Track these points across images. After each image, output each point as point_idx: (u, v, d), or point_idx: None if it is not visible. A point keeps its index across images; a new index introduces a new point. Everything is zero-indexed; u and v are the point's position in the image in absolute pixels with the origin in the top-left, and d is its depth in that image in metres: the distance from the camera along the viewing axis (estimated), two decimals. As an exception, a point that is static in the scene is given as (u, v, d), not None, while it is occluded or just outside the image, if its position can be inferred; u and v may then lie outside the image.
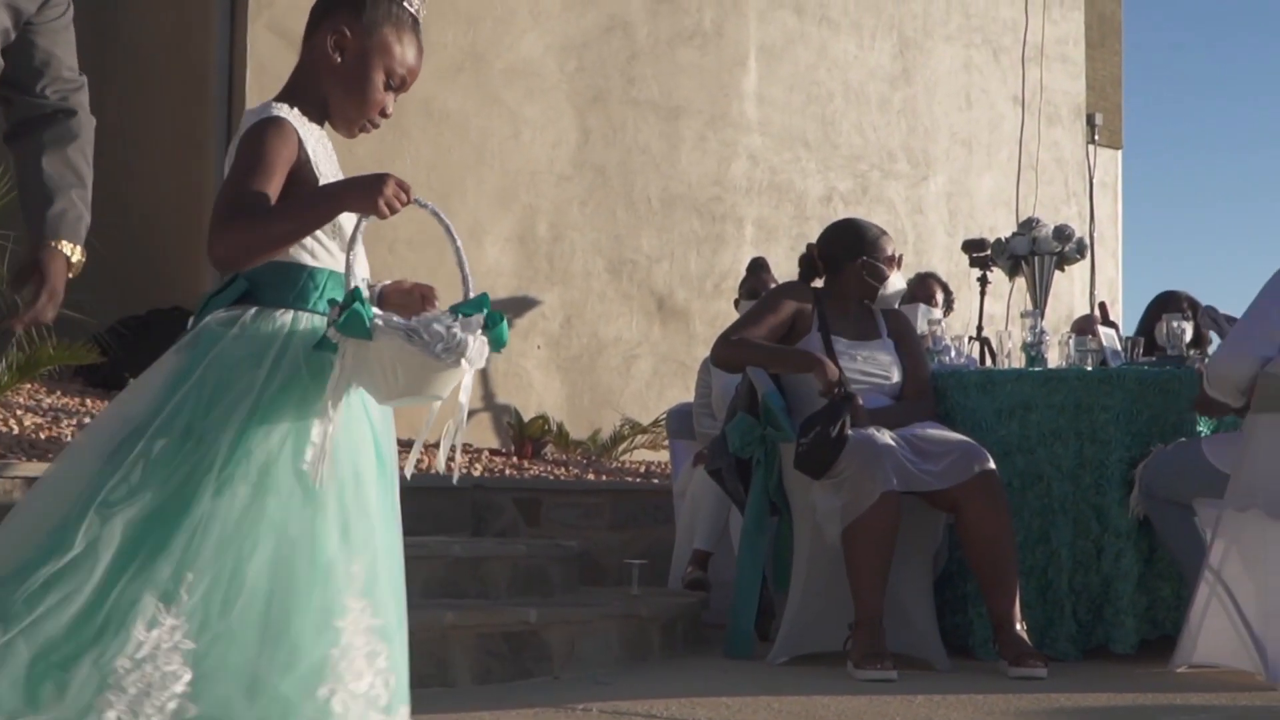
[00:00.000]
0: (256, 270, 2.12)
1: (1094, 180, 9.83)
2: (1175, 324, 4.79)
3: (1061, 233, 4.97)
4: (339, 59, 2.22)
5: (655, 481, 6.38)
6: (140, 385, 2.14)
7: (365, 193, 2.07)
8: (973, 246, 6.08)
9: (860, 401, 4.18)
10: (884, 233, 4.58)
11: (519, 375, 7.18)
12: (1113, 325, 5.50)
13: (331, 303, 2.08)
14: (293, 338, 2.11)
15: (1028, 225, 5.13)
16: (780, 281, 5.42)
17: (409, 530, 2.29)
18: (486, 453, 6.55)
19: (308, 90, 2.24)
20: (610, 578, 5.32)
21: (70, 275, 2.66)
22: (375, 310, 2.04)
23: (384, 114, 2.27)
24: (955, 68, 9.06)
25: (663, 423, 6.48)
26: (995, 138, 9.20)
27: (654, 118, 7.77)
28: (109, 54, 7.03)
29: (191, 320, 2.17)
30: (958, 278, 7.31)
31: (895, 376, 4.45)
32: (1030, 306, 5.05)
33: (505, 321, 2.08)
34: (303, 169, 2.16)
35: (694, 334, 7.67)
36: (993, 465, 4.17)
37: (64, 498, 2.03)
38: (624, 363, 7.58)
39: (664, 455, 6.63)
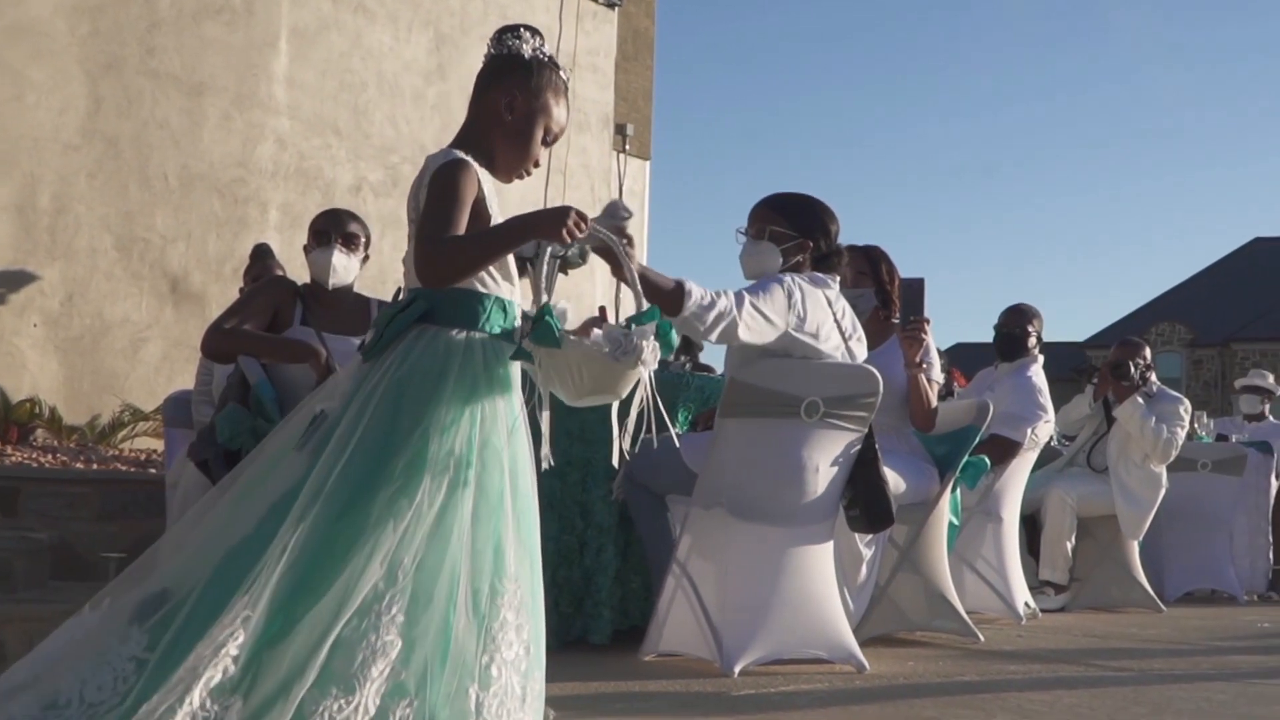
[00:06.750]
0: (438, 294, 2.51)
1: (622, 188, 10.22)
2: (665, 330, 5.02)
3: (565, 237, 5.11)
4: (510, 117, 2.64)
5: (153, 471, 6.10)
6: (329, 387, 2.55)
7: (553, 223, 2.49)
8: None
9: None
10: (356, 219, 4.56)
11: (12, 355, 6.71)
12: (611, 329, 5.70)
13: (524, 316, 2.53)
14: (471, 353, 2.50)
15: (534, 228, 5.24)
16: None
17: None
18: (-36, 437, 6.08)
19: (478, 142, 2.64)
20: (93, 572, 5.05)
21: None
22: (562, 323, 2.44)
23: (536, 164, 2.73)
24: (490, 68, 9.19)
25: (167, 409, 6.20)
26: (527, 140, 9.39)
27: (175, 92, 7.46)
28: None
29: (372, 331, 2.53)
30: (481, 275, 7.42)
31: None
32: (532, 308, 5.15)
33: (673, 329, 2.54)
34: (480, 205, 2.55)
35: (209, 318, 7.35)
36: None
37: (260, 489, 2.37)
38: (131, 345, 7.23)
39: (168, 444, 6.35)
